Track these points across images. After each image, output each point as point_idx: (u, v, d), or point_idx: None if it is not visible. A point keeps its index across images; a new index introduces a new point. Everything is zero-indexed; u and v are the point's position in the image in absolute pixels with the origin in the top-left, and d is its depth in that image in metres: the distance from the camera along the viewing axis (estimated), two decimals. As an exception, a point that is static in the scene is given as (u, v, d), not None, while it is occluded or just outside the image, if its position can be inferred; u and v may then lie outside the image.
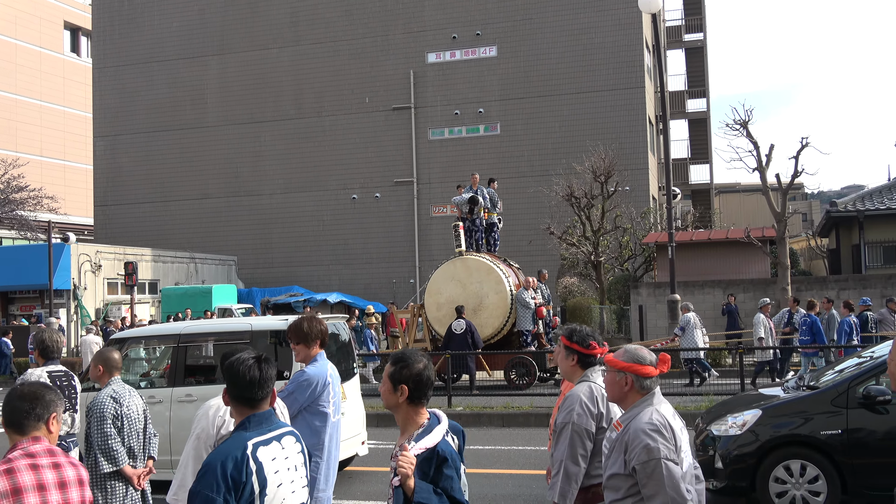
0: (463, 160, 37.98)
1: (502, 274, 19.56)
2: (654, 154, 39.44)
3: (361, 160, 39.14)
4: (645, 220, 33.31)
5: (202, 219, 41.05)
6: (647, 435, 3.95)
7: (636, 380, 4.14)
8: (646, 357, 4.18)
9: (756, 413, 8.69)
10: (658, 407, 4.10)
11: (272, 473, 3.64)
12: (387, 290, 38.14)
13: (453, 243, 20.28)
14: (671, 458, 3.94)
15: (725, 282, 25.66)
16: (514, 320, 19.44)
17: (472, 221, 20.71)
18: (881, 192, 29.16)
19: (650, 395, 4.14)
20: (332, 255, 39.30)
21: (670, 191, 23.16)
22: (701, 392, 15.86)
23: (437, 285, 19.85)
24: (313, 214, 39.59)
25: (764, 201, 24.91)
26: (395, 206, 38.75)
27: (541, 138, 37.18)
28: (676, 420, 4.13)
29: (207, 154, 41.09)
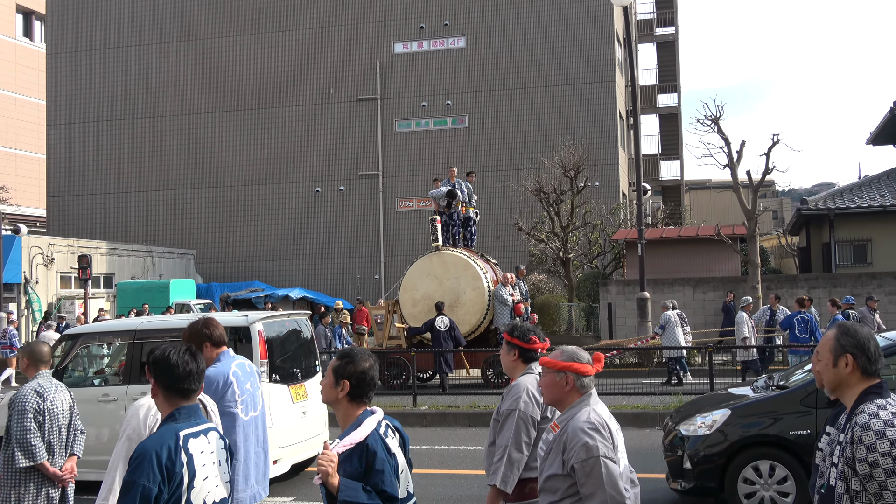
0: (430, 153, 37.95)
1: (479, 270, 19.53)
2: (624, 149, 39.68)
3: (325, 152, 38.97)
4: (615, 216, 33.50)
5: (160, 211, 40.64)
6: (585, 433, 4.03)
7: (576, 379, 4.23)
8: (583, 356, 4.29)
9: (725, 413, 8.77)
10: (595, 407, 4.19)
11: (200, 466, 3.72)
12: (351, 285, 38.02)
13: (426, 238, 20.34)
14: (610, 456, 4.02)
15: (695, 279, 25.88)
16: (492, 317, 19.42)
17: (450, 216, 20.66)
18: (852, 190, 29.56)
19: (587, 396, 4.23)
20: (295, 249, 39.10)
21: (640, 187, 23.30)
22: (669, 391, 15.99)
23: (412, 281, 19.78)
24: (275, 208, 39.35)
25: (734, 198, 25.15)
26: (360, 200, 38.63)
27: (510, 132, 37.25)
28: (613, 421, 4.23)
29: (165, 144, 40.68)
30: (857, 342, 3.60)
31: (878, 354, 3.60)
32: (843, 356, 3.61)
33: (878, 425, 3.38)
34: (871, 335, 3.65)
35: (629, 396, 16.02)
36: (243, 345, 10.18)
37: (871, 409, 3.46)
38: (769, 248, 43.47)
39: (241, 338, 10.24)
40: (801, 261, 33.71)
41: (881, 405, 3.47)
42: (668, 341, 18.36)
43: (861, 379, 3.60)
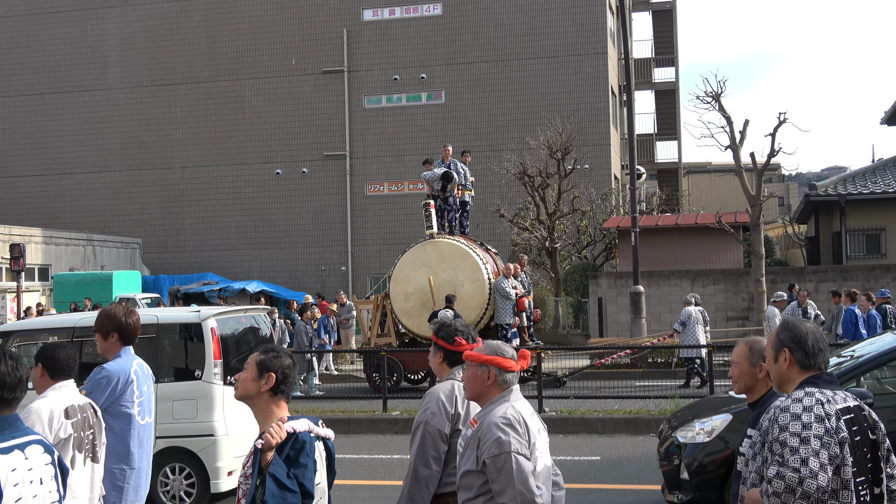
0: (402, 131, 37.90)
1: (479, 260, 19.48)
2: (616, 128, 39.78)
3: (286, 130, 38.82)
4: (606, 202, 33.61)
5: (101, 195, 40.35)
6: (499, 428, 4.28)
7: (498, 373, 4.48)
8: (507, 351, 4.57)
9: (726, 418, 8.82)
10: (515, 403, 4.45)
11: (11, 486, 3.59)
12: (314, 278, 37.96)
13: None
14: (522, 452, 4.27)
15: (694, 272, 26.03)
16: (493, 312, 19.41)
17: (445, 200, 20.57)
18: (864, 174, 29.79)
19: (508, 392, 4.49)
20: (252, 238, 38.96)
21: (634, 170, 23.37)
22: (665, 394, 16.10)
23: (404, 272, 19.71)
24: (231, 192, 39.17)
25: (737, 183, 25.30)
26: (325, 184, 38.53)
27: (490, 109, 37.26)
28: (535, 419, 4.48)
29: (107, 121, 40.36)
30: (795, 337, 3.94)
31: (818, 349, 3.92)
32: (782, 351, 3.96)
33: (797, 408, 3.71)
34: (812, 330, 3.96)
35: (621, 400, 16.11)
36: (194, 343, 10.15)
37: (798, 394, 3.79)
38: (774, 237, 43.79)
39: (192, 336, 10.19)
40: (809, 251, 33.98)
41: (809, 392, 3.78)
42: (688, 340, 18.32)
43: (800, 373, 3.93)
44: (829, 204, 29.18)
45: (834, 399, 3.77)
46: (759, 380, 4.47)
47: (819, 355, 3.90)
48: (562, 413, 15.39)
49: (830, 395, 3.78)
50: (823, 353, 3.91)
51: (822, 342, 3.93)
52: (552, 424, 14.93)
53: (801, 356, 3.91)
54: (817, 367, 3.90)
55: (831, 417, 3.68)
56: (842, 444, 3.67)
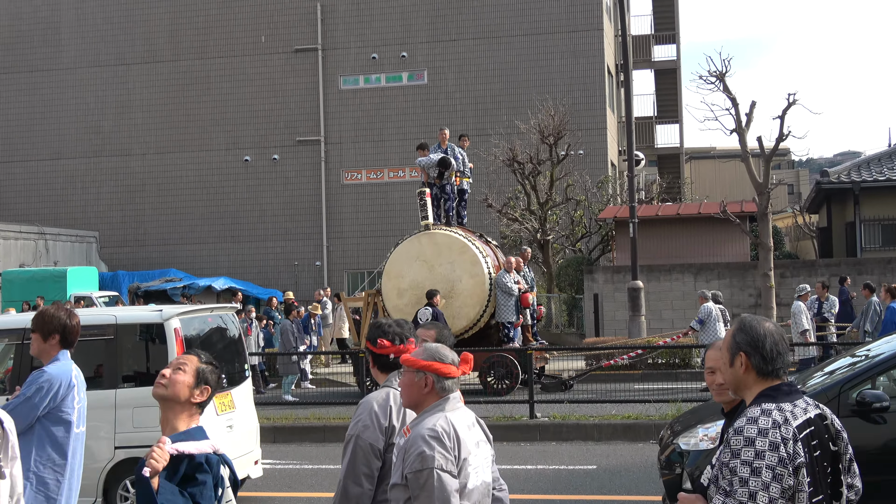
0: (381, 115, 37.86)
1: (479, 253, 19.44)
2: (613, 111, 39.82)
3: (256, 114, 38.72)
4: (602, 190, 33.67)
5: (54, 185, 40.17)
6: (424, 442, 4.28)
7: (437, 380, 4.47)
8: (447, 355, 4.55)
9: (731, 423, 8.86)
10: (450, 413, 4.44)
11: None
12: (287, 274, 37.91)
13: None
14: (447, 469, 4.26)
15: (697, 266, 26.12)
16: (494, 310, 19.40)
17: (442, 188, 20.52)
18: (880, 160, 29.93)
19: (444, 401, 4.48)
20: (219, 231, 38.86)
21: (633, 155, 23.42)
22: (667, 398, 16.15)
23: (397, 266, 19.67)
24: (195, 181, 39.06)
25: (743, 169, 25.35)
26: (298, 171, 38.46)
27: (477, 90, 37.24)
28: (473, 432, 4.50)
29: (61, 104, 40.16)
30: (752, 339, 3.86)
31: (776, 353, 3.84)
32: (738, 355, 3.89)
33: (752, 432, 3.66)
34: (772, 332, 3.87)
35: (619, 405, 16.15)
36: (156, 345, 10.12)
37: (755, 413, 3.73)
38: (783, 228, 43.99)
39: (153, 337, 10.16)
40: (820, 243, 34.13)
41: (766, 410, 3.72)
42: (708, 339, 18.31)
43: (758, 381, 3.87)
44: (842, 192, 29.30)
45: (793, 414, 3.72)
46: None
47: (777, 360, 3.85)
48: (555, 419, 15.42)
49: (790, 412, 3.72)
50: (783, 357, 3.86)
51: (782, 345, 3.87)
52: (544, 431, 14.96)
53: (759, 361, 3.85)
54: (775, 374, 3.85)
55: (788, 442, 3.63)
56: (797, 470, 3.64)
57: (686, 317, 25.60)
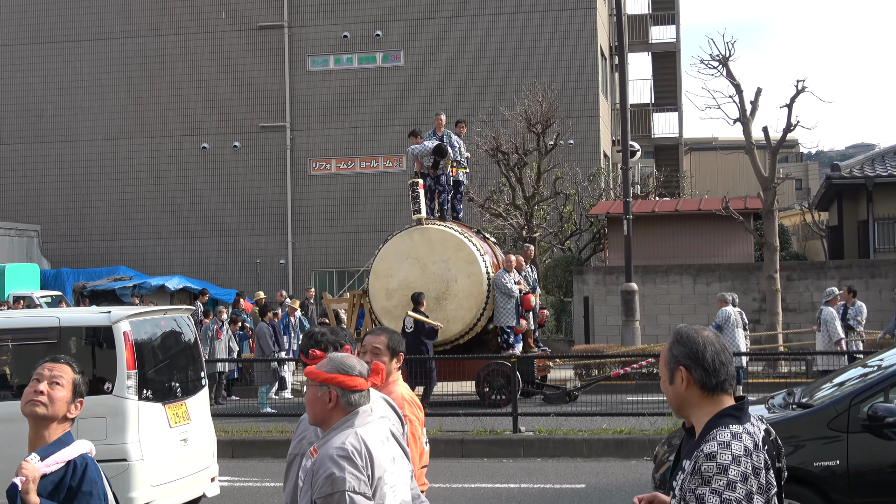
0: (353, 99, 37.79)
1: (476, 250, 19.45)
2: (607, 97, 39.88)
3: (215, 97, 38.58)
4: (594, 184, 33.73)
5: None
6: (333, 462, 4.32)
7: (342, 394, 4.51)
8: (354, 366, 4.60)
9: (733, 439, 8.89)
10: (360, 429, 4.48)
11: None
12: (248, 273, 37.80)
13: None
14: (360, 490, 4.31)
15: (696, 267, 26.20)
16: (492, 313, 19.40)
17: (437, 179, 20.46)
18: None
19: (353, 416, 4.53)
20: (174, 225, 38.71)
21: (627, 146, 23.48)
22: (663, 411, 16.19)
23: (386, 265, 19.65)
24: (148, 170, 38.90)
25: (747, 162, 25.47)
26: (261, 160, 38.36)
27: (458, 73, 37.23)
28: (388, 447, 4.56)
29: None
30: (690, 351, 3.77)
31: (718, 364, 3.75)
32: (677, 370, 3.79)
33: (726, 458, 3.57)
34: (712, 341, 3.79)
35: (610, 418, 16.19)
36: (104, 350, 10.08)
37: (724, 437, 3.63)
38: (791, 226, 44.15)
39: (101, 341, 10.13)
40: (830, 243, 34.30)
41: (736, 433, 3.64)
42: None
43: (703, 397, 3.77)
44: (854, 188, 29.44)
45: (757, 436, 3.69)
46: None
47: (721, 371, 3.76)
48: (540, 433, 15.45)
49: (756, 434, 3.69)
50: (726, 368, 3.77)
51: (724, 355, 3.79)
52: (529, 446, 14.99)
53: (701, 374, 3.74)
54: (721, 388, 3.75)
55: (760, 473, 3.61)
56: (769, 502, 3.63)
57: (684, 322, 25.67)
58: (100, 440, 9.84)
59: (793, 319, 25.35)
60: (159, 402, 10.20)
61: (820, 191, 34.16)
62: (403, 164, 37.06)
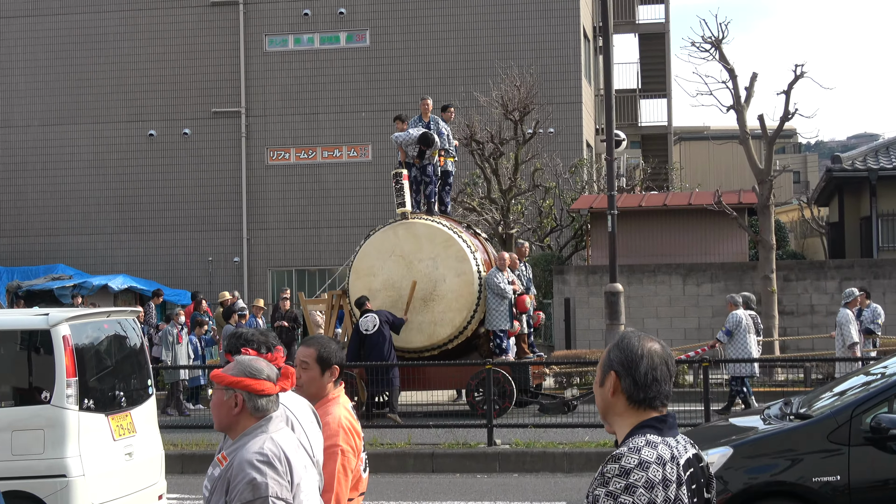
0: (315, 83, 37.72)
1: (466, 247, 19.40)
2: (590, 82, 39.96)
3: (163, 79, 38.43)
4: (576, 176, 33.80)
5: (-83, 161, 39.65)
6: (253, 468, 4.42)
7: (248, 399, 4.62)
8: (262, 369, 4.70)
9: (725, 452, 8.95)
10: (276, 435, 4.60)
11: None
12: (200, 271, 37.67)
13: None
14: (282, 496, 4.43)
15: (686, 266, 26.30)
16: (483, 315, 19.37)
17: (423, 169, 20.42)
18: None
19: (266, 421, 4.64)
20: (118, 219, 38.55)
21: (612, 135, 23.52)
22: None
23: (368, 262, 19.60)
24: (90, 159, 38.71)
25: (741, 153, 25.59)
26: (214, 149, 38.24)
27: (428, 55, 37.23)
28: (300, 454, 4.69)
29: (-74, 64, 39.67)
30: (626, 358, 3.81)
31: (651, 379, 3.76)
32: (609, 374, 3.84)
33: (631, 462, 3.61)
34: (652, 354, 3.80)
35: (592, 430, 16.22)
36: (41, 356, 10.02)
37: (639, 442, 3.69)
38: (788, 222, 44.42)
39: (37, 346, 10.07)
40: (831, 241, 34.52)
41: (652, 441, 3.68)
42: (737, 353, 18.32)
43: (628, 409, 3.81)
44: (856, 181, 29.65)
45: (677, 450, 3.72)
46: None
47: (652, 387, 3.76)
48: (517, 446, 15.48)
49: (676, 448, 3.71)
50: (659, 385, 3.77)
51: (661, 371, 3.79)
52: (505, 461, 15.02)
53: (629, 385, 3.77)
54: (648, 404, 3.77)
55: (671, 485, 3.61)
56: None
57: (673, 326, 25.82)
58: (37, 454, 9.82)
59: (790, 323, 25.51)
60: (102, 413, 10.14)
61: (819, 184, 34.38)
62: (369, 153, 37.09)
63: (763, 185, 23.71)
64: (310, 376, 5.77)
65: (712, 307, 25.47)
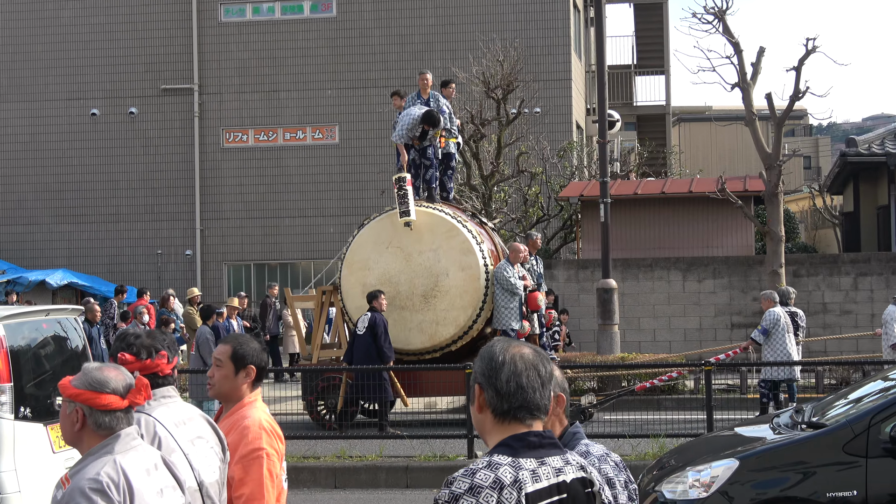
0: (276, 57, 37.66)
1: (472, 238, 19.20)
2: (580, 57, 39.98)
3: (107, 54, 38.30)
4: (565, 160, 33.83)
5: None
6: (83, 496, 4.40)
7: (89, 414, 4.58)
8: (108, 381, 4.64)
9: (731, 465, 8.97)
10: (120, 456, 4.56)
11: None
12: (148, 266, 37.59)
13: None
14: None
15: (686, 260, 26.35)
16: (490, 314, 19.21)
17: (423, 151, 20.28)
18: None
19: (114, 439, 4.60)
20: (56, 209, 38.43)
21: (605, 116, 23.55)
22: (646, 433, 16.29)
23: (362, 255, 19.44)
24: (25, 141, 38.58)
25: (747, 136, 25.66)
26: (164, 130, 38.15)
27: (402, 26, 37.20)
28: (155, 476, 4.66)
29: None
30: (487, 368, 3.79)
31: (515, 387, 3.72)
32: (474, 387, 3.83)
33: (462, 487, 3.57)
34: (517, 360, 3.77)
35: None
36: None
37: (479, 464, 3.65)
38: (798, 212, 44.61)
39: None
40: (845, 232, 34.67)
41: (494, 464, 3.62)
42: (774, 354, 18.24)
43: (496, 424, 3.78)
44: (873, 167, 29.76)
45: (535, 475, 3.62)
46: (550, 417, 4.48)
47: (517, 396, 3.73)
48: (501, 458, 15.47)
49: (529, 471, 3.62)
50: (526, 391, 3.74)
51: (529, 376, 3.76)
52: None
53: (492, 396, 3.75)
54: (513, 415, 3.73)
55: None
56: None
57: (672, 326, 25.87)
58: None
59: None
60: (40, 423, 10.10)
61: (833, 170, 34.50)
62: (336, 135, 37.09)
63: (771, 170, 23.77)
64: (222, 374, 5.80)
65: (715, 305, 25.55)
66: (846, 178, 33.19)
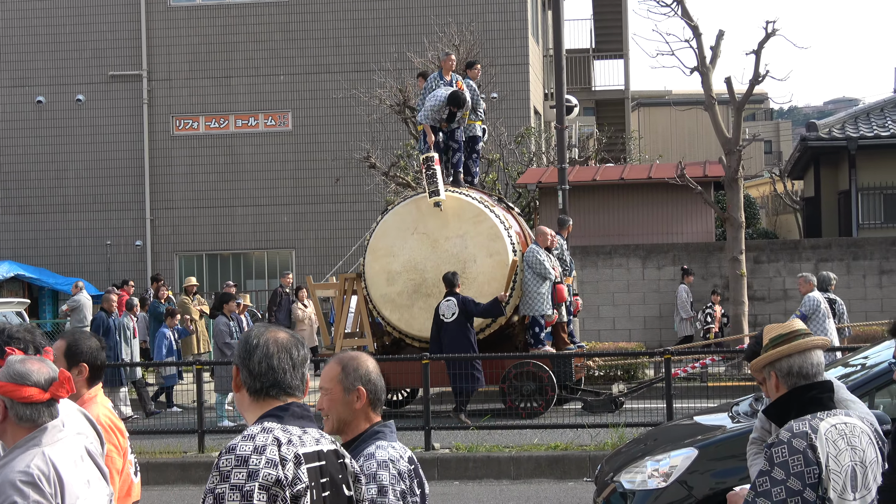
0: (227, 42, 37.50)
1: (499, 223, 19.12)
2: (537, 41, 40.00)
3: (52, 39, 38.05)
4: (522, 147, 33.85)
5: None
6: (15, 489, 4.49)
7: (10, 406, 4.66)
8: (30, 374, 4.67)
9: (689, 454, 9.03)
10: (48, 448, 4.65)
11: None
12: (97, 258, 37.39)
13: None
14: None
15: (646, 247, 26.44)
16: (519, 301, 19.10)
17: (451, 134, 20.08)
18: (883, 109, 30.59)
19: (41, 432, 4.68)
20: (1, 199, 38.16)
21: (563, 100, 23.58)
22: (605, 422, 16.35)
23: (386, 241, 19.29)
24: (-32, 129, 38.28)
25: (707, 121, 25.76)
26: (111, 118, 37.93)
27: (356, 9, 37.12)
28: (82, 467, 4.75)
29: None
30: (242, 351, 4.28)
31: (266, 369, 4.24)
32: (233, 368, 4.38)
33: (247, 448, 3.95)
34: (270, 343, 4.25)
35: (542, 431, 16.29)
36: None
37: (254, 430, 4.06)
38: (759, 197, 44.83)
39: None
40: (806, 218, 34.87)
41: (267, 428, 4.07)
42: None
43: (252, 403, 4.28)
44: (834, 151, 29.92)
45: (301, 440, 4.09)
46: (355, 412, 4.77)
47: (268, 375, 4.21)
48: (459, 450, 15.50)
49: (297, 436, 4.08)
50: (276, 372, 4.21)
51: (281, 358, 4.24)
52: (445, 466, 15.04)
53: (246, 376, 4.23)
54: (267, 393, 4.21)
55: (287, 463, 3.96)
56: (298, 498, 3.94)
57: (632, 314, 25.98)
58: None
59: (761, 310, 25.73)
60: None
61: (793, 155, 34.66)
62: (289, 121, 36.98)
63: (731, 155, 23.86)
64: None
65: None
66: (807, 163, 33.36)
